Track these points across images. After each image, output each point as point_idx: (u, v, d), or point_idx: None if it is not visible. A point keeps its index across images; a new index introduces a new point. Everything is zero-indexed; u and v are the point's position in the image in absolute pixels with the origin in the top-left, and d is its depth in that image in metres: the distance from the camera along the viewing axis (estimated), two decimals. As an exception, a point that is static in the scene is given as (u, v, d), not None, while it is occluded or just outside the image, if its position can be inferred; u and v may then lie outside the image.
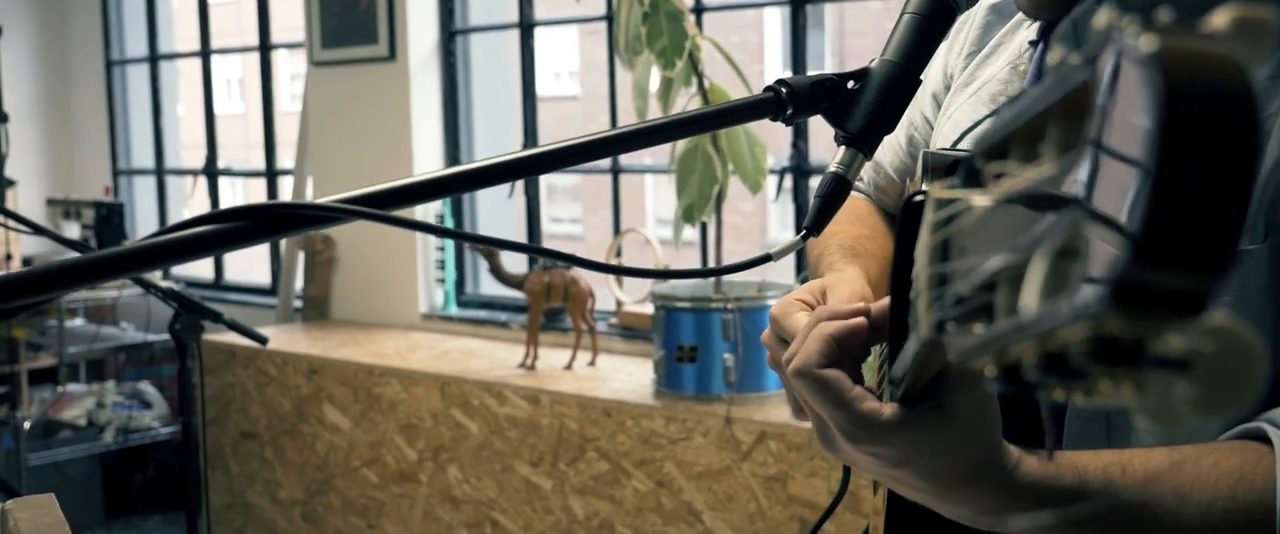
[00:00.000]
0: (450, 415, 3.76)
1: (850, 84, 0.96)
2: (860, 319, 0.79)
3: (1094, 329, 0.31)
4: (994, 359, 0.39)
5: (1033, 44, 1.15)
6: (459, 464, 3.77)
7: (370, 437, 4.00)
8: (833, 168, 0.95)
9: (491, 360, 3.93)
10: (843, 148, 0.95)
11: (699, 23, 3.77)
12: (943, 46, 1.30)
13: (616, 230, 4.13)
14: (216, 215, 0.77)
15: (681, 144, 3.48)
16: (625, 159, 4.16)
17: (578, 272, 3.83)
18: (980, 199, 0.42)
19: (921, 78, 0.98)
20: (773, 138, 3.67)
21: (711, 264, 3.50)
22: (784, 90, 0.93)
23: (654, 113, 3.53)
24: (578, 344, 3.80)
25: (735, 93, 3.54)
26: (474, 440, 3.72)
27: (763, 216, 14.21)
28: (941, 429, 0.72)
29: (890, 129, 0.96)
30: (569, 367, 3.76)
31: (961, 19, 1.29)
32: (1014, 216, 0.38)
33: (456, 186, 0.82)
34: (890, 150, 1.39)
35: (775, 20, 15.11)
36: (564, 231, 16.46)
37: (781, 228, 14.92)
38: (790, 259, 3.87)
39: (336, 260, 4.76)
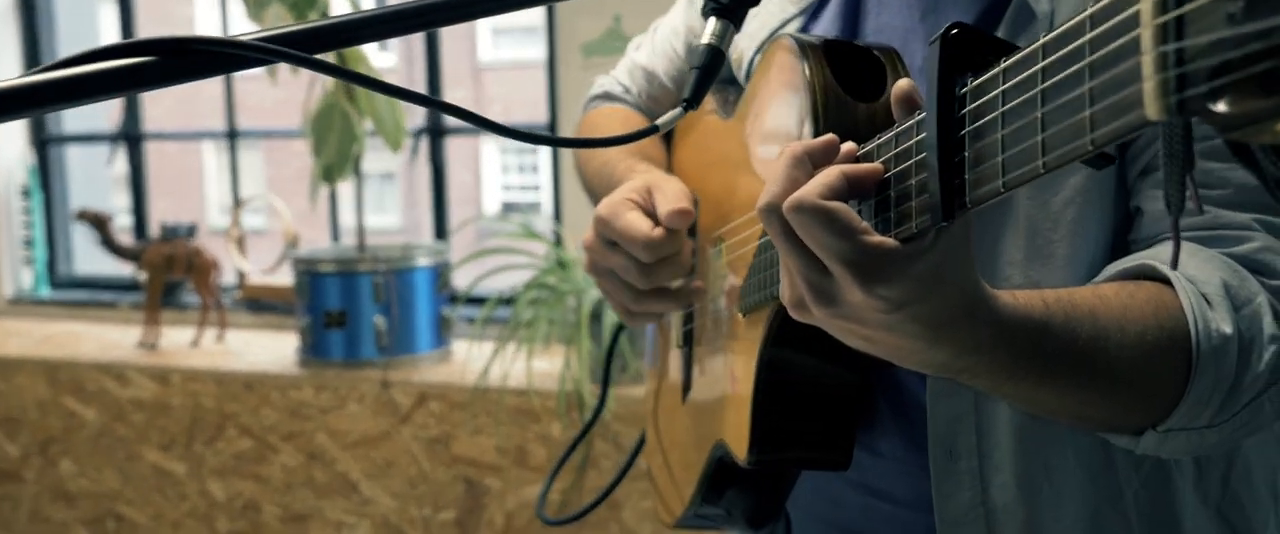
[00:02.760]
0: (61, 404, 3.41)
1: (718, -49, 0.94)
2: (878, 166, 0.75)
3: None
4: None
5: None
6: (73, 456, 3.43)
7: (-40, 435, 3.56)
8: (707, 39, 0.93)
9: (104, 342, 3.59)
10: (713, 19, 0.93)
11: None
12: None
13: (236, 200, 3.88)
14: (115, 49, 0.65)
15: (315, 103, 3.33)
16: (246, 124, 3.92)
17: (200, 241, 3.58)
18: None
19: (774, 23, 0.97)
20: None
21: (353, 227, 3.37)
22: None
23: (283, 74, 3.35)
24: (204, 320, 3.55)
25: (370, 50, 3.43)
26: (91, 429, 3.39)
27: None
28: (949, 256, 0.71)
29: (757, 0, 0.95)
30: (196, 344, 3.51)
31: None
32: None
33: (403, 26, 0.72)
34: (665, 59, 1.38)
35: None
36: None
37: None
38: (427, 218, 3.78)
39: (-103, 243, 4.19)
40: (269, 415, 3.19)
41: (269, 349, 3.43)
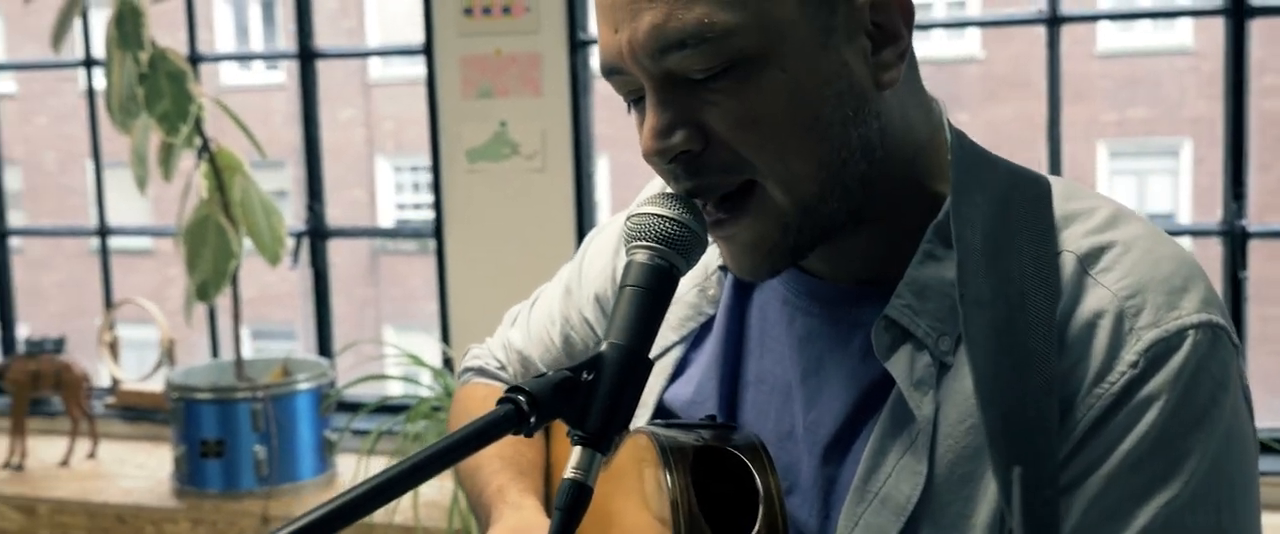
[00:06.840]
0: (-80, 533, 3.24)
1: (584, 375, 0.88)
2: None
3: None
4: None
5: (723, 268, 1.11)
6: (-66, 588, 3.26)
7: None
8: (571, 474, 0.86)
9: (-34, 461, 3.42)
10: (579, 449, 0.87)
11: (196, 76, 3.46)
12: (608, 245, 1.24)
13: (108, 303, 3.72)
14: None
15: (189, 212, 3.19)
16: (118, 221, 3.76)
17: (69, 356, 3.42)
18: None
19: (651, 358, 0.91)
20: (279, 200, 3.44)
21: (230, 341, 3.24)
22: (525, 401, 0.83)
23: (155, 180, 3.21)
24: (75, 434, 3.39)
25: (245, 155, 3.29)
26: (-47, 560, 3.22)
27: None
28: None
29: (628, 422, 0.89)
30: (66, 462, 3.36)
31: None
32: None
33: None
34: (540, 346, 1.31)
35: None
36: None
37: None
38: (306, 317, 3.65)
39: None
40: (143, 549, 3.06)
41: (144, 470, 3.30)
